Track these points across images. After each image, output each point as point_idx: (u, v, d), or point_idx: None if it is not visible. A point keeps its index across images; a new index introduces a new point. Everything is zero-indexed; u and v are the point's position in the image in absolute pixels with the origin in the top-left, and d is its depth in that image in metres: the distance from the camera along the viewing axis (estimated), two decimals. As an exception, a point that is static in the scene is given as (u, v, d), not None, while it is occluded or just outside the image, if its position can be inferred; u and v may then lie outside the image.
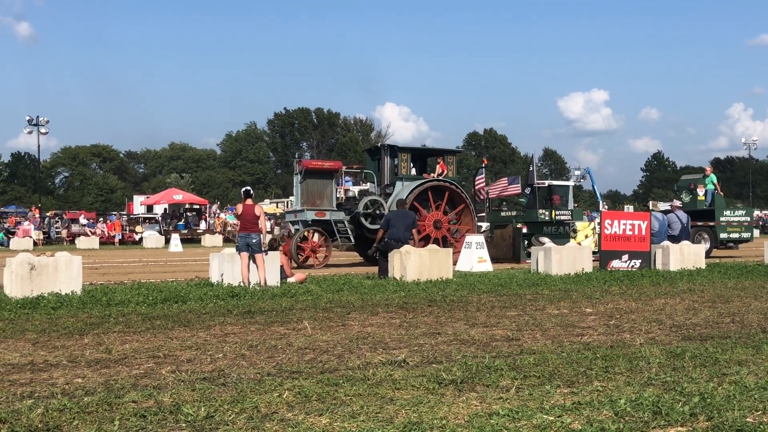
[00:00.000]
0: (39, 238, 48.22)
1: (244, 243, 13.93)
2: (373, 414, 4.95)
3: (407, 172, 23.92)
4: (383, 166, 24.22)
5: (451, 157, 25.29)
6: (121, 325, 9.32)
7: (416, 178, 23.94)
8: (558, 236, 24.97)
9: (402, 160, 23.93)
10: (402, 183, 23.51)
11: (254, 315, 10.25)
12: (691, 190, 27.90)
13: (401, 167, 23.89)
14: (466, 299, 12.12)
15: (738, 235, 27.49)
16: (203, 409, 5.05)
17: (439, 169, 24.64)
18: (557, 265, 16.80)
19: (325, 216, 22.39)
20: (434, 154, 26.01)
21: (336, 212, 22.77)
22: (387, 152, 24.25)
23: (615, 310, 10.72)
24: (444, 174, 24.41)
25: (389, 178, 24.05)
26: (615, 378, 6.05)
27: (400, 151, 24.16)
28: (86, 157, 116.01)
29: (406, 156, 24.09)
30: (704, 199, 27.20)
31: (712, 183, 27.58)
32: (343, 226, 22.56)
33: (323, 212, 22.40)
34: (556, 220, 25.23)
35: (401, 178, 23.67)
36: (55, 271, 12.27)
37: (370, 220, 22.83)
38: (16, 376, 6.28)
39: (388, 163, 24.13)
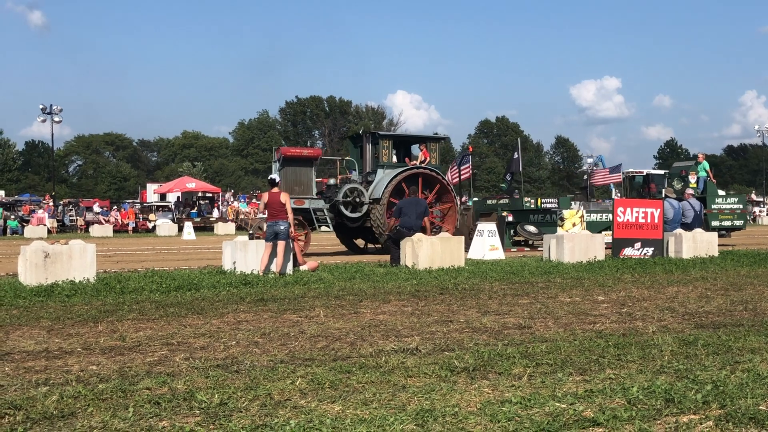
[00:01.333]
0: (53, 226, 48.47)
1: (272, 231, 14.00)
2: (386, 401, 4.97)
3: (389, 159, 23.63)
4: (365, 153, 23.99)
5: (434, 145, 24.99)
6: (135, 312, 9.38)
7: (398, 165, 23.69)
8: (545, 224, 24.75)
9: (383, 147, 23.66)
10: (383, 170, 23.27)
11: (267, 303, 10.29)
12: (682, 177, 27.63)
13: (382, 155, 23.65)
14: (478, 287, 12.13)
15: (730, 222, 27.24)
16: (217, 396, 5.09)
17: (422, 156, 24.38)
18: (569, 252, 16.77)
19: (304, 204, 22.15)
20: (417, 141, 25.80)
21: (315, 200, 22.56)
22: (369, 139, 24.01)
23: (627, 298, 10.70)
24: (427, 161, 24.15)
25: (371, 165, 23.81)
26: (627, 366, 6.05)
27: (381, 139, 23.95)
28: (99, 146, 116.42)
29: (387, 143, 23.83)
30: (696, 187, 26.93)
31: (705, 170, 27.27)
32: (322, 214, 22.32)
33: (302, 200, 22.13)
34: (542, 208, 25.00)
35: (382, 165, 23.47)
36: (69, 259, 12.33)
37: (351, 208, 22.62)
38: (31, 363, 6.33)
39: (369, 151, 23.89)
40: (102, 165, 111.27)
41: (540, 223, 24.86)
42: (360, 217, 22.84)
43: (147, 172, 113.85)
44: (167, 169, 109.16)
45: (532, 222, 25.08)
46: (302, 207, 22.09)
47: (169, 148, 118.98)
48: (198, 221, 50.80)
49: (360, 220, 23.01)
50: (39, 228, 44.69)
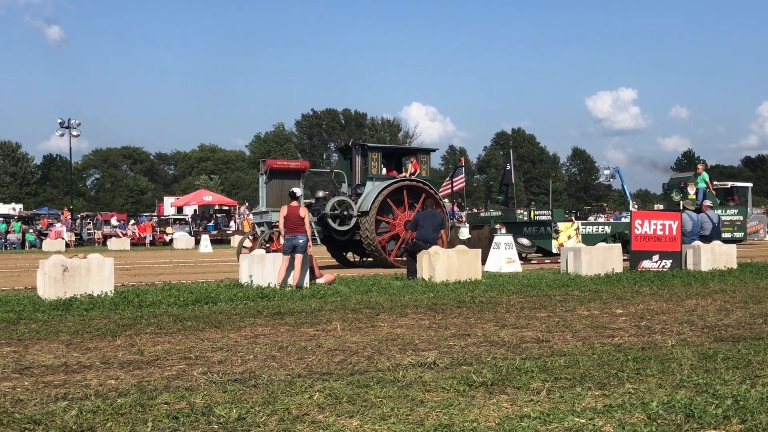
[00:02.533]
0: (71, 239, 48.73)
1: (290, 245, 14.04)
2: (404, 416, 4.96)
3: (378, 171, 23.26)
4: (354, 165, 23.67)
5: (425, 156, 24.57)
6: (153, 326, 9.41)
7: (387, 177, 23.31)
8: (539, 237, 24.51)
9: (372, 159, 23.42)
10: (373, 183, 23.03)
11: (284, 316, 10.30)
12: (681, 188, 27.40)
13: (371, 166, 23.30)
14: (496, 300, 12.10)
15: (730, 234, 26.98)
16: (235, 410, 5.09)
17: (412, 168, 24.04)
18: (587, 265, 16.70)
19: None
20: (407, 153, 25.50)
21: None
22: (358, 151, 23.69)
23: (646, 311, 10.64)
24: (417, 173, 23.83)
25: (360, 177, 23.59)
26: (647, 380, 6.01)
27: (370, 151, 23.58)
28: (117, 159, 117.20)
29: (376, 155, 23.45)
30: (695, 198, 26.66)
31: (704, 181, 26.98)
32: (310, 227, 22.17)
33: None
34: (536, 221, 24.74)
35: (371, 177, 23.14)
36: (87, 273, 12.40)
37: (339, 222, 22.31)
38: (50, 378, 6.36)
39: (359, 163, 23.60)
40: (119, 178, 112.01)
41: (534, 235, 24.61)
42: (348, 230, 22.47)
43: (164, 185, 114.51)
44: (184, 182, 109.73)
45: (526, 234, 24.86)
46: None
47: (186, 161, 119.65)
48: (215, 234, 50.96)
49: (348, 233, 22.63)
50: (57, 241, 44.93)
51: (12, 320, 9.96)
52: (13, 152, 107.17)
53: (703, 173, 27.15)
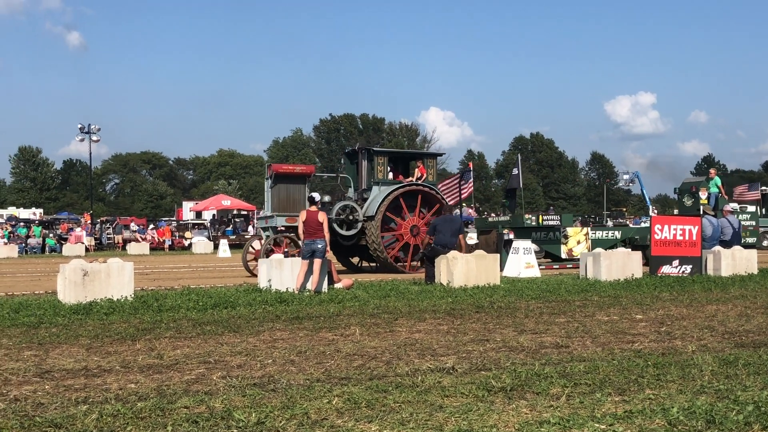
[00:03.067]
0: (91, 244, 49.03)
1: (309, 250, 14.07)
2: (423, 421, 4.95)
3: (384, 176, 23.22)
4: (360, 170, 23.57)
5: (431, 161, 24.53)
6: (172, 330, 9.44)
7: (393, 182, 23.33)
8: (547, 242, 24.27)
9: (378, 163, 23.25)
10: (379, 187, 22.93)
11: (302, 321, 10.32)
12: (693, 193, 27.03)
13: (377, 171, 23.17)
14: (514, 305, 12.06)
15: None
16: (254, 414, 5.10)
17: (418, 172, 23.86)
18: (606, 270, 16.63)
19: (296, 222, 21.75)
20: (414, 157, 25.27)
21: None
22: (364, 156, 23.62)
23: (666, 317, 10.58)
24: (423, 178, 23.69)
25: (366, 182, 23.49)
26: (667, 386, 5.98)
27: (376, 155, 23.46)
28: (136, 164, 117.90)
29: (382, 160, 23.33)
30: (707, 203, 26.35)
31: (716, 186, 26.60)
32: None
33: (294, 218, 21.36)
34: (544, 225, 24.47)
35: (377, 182, 23.06)
36: (107, 277, 12.46)
37: (346, 227, 22.20)
38: (70, 382, 6.39)
39: (365, 167, 23.51)
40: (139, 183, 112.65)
41: (542, 240, 24.36)
42: (354, 234, 22.41)
43: (183, 190, 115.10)
44: (203, 187, 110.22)
45: (534, 240, 24.64)
46: (294, 225, 21.36)
47: (205, 166, 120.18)
48: (233, 239, 51.11)
49: (354, 238, 22.56)
50: (77, 246, 45.23)
51: (33, 324, 10.03)
52: (33, 157, 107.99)
53: (715, 178, 26.75)
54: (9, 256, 41.40)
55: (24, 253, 46.07)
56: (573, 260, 24.00)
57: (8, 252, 42.57)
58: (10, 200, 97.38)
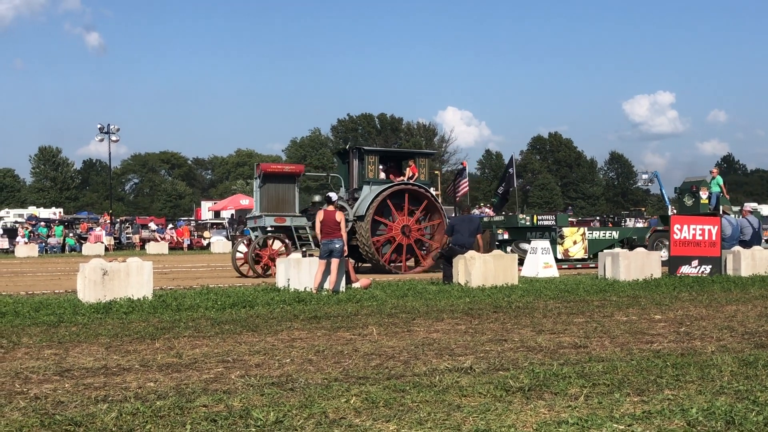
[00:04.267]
0: (110, 243, 49.30)
1: (327, 249, 14.10)
2: (441, 421, 4.95)
3: (375, 175, 22.88)
4: (351, 169, 23.24)
5: (423, 160, 24.11)
6: (191, 329, 9.49)
7: (384, 182, 22.96)
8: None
9: (369, 162, 22.89)
10: (369, 187, 22.57)
11: (320, 320, 10.34)
12: (693, 192, 26.61)
13: (368, 170, 22.80)
14: (532, 305, 12.04)
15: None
16: (272, 414, 5.12)
17: (410, 172, 23.53)
18: (625, 270, 16.56)
19: (286, 222, 21.57)
20: (405, 156, 24.94)
21: (298, 218, 21.83)
22: (355, 155, 23.23)
23: (685, 317, 10.53)
24: (415, 177, 23.30)
25: (357, 182, 23.08)
26: (686, 386, 5.95)
27: (367, 154, 23.11)
28: (155, 164, 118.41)
29: (373, 159, 22.97)
30: (707, 203, 25.96)
31: (718, 185, 26.16)
32: (304, 232, 21.66)
33: (283, 218, 21.58)
34: (539, 225, 24.22)
35: (368, 181, 22.71)
36: (126, 277, 12.53)
37: None
38: (90, 380, 6.44)
39: (356, 167, 23.11)
40: (158, 183, 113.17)
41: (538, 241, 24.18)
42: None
43: (201, 189, 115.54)
44: (221, 186, 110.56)
45: (529, 240, 24.38)
46: (284, 225, 21.54)
47: (223, 166, 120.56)
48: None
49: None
50: (96, 245, 45.48)
51: (53, 323, 10.10)
52: (53, 157, 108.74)
53: (717, 177, 26.36)
54: (29, 256, 41.69)
55: (44, 253, 46.37)
56: (569, 261, 23.83)
57: (29, 251, 42.87)
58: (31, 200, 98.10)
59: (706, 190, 25.84)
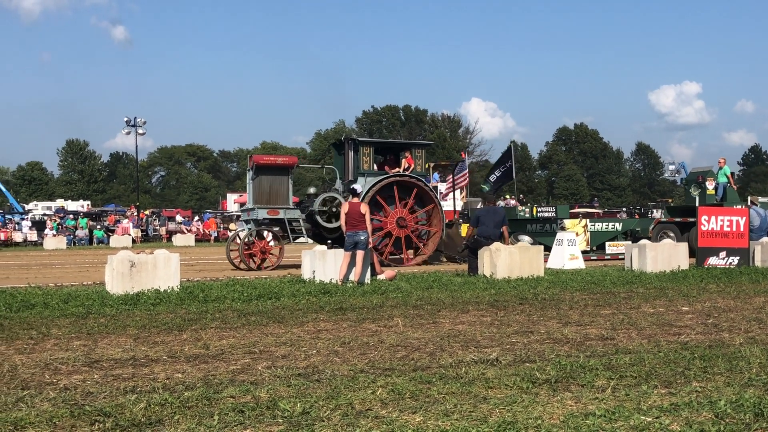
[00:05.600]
0: (137, 235, 49.66)
1: (352, 241, 14.13)
2: (467, 413, 4.95)
3: (370, 167, 22.57)
4: (347, 161, 22.81)
5: (420, 151, 23.69)
6: (218, 321, 9.54)
7: (379, 173, 22.62)
8: (543, 234, 23.57)
9: (364, 154, 22.58)
10: (365, 179, 22.23)
11: (346, 312, 10.36)
12: (699, 183, 26.08)
13: (362, 162, 22.50)
14: (559, 297, 12.00)
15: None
16: (299, 405, 5.14)
17: (406, 163, 23.15)
18: (652, 262, 16.47)
19: (279, 214, 21.33)
20: (401, 147, 24.55)
21: (291, 210, 21.56)
22: (351, 146, 22.83)
23: (713, 309, 10.46)
24: (411, 169, 22.98)
25: (353, 173, 22.68)
26: (714, 378, 5.91)
27: (361, 145, 22.77)
28: (181, 157, 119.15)
29: (368, 150, 22.71)
30: (714, 194, 25.39)
31: (725, 176, 25.53)
32: (298, 224, 21.49)
33: (276, 210, 21.33)
34: (539, 217, 23.88)
35: (363, 173, 22.41)
36: (154, 269, 12.62)
37: (326, 218, 21.73)
38: (118, 371, 6.49)
39: (351, 158, 22.72)
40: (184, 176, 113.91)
41: (537, 233, 23.81)
42: (339, 227, 21.32)
43: (227, 182, 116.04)
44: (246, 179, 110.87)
45: (529, 232, 24.04)
46: (277, 217, 21.34)
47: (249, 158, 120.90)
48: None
49: (338, 231, 21.56)
50: (124, 238, 45.83)
51: (82, 315, 10.19)
52: (81, 150, 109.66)
53: (724, 167, 25.80)
54: (58, 248, 42.09)
55: (72, 245, 46.80)
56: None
57: (57, 243, 43.28)
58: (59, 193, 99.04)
59: (713, 180, 25.44)
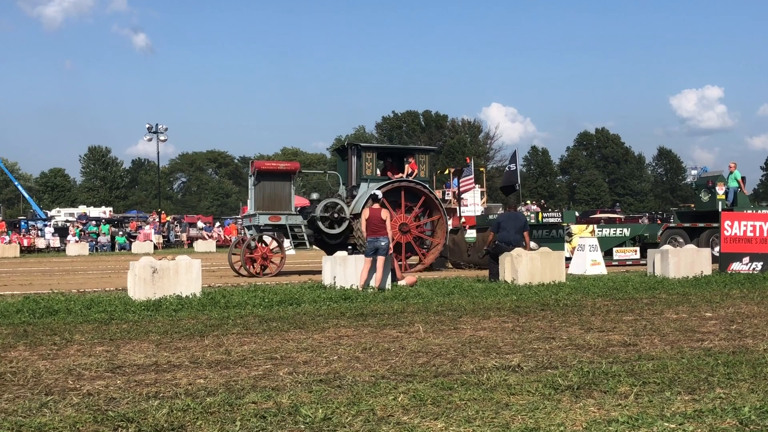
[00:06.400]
0: (159, 241, 49.91)
1: (372, 247, 14.13)
2: (489, 419, 4.93)
3: (372, 172, 22.46)
4: (350, 166, 22.85)
5: (423, 156, 23.47)
6: (240, 326, 9.57)
7: (382, 179, 22.45)
8: (549, 240, 23.10)
9: (366, 159, 22.41)
10: (367, 184, 22.10)
11: (367, 318, 10.36)
12: (709, 188, 25.70)
13: (365, 167, 22.33)
14: (580, 303, 11.94)
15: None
16: (321, 410, 5.14)
17: (409, 168, 22.94)
18: (675, 268, 16.36)
19: (281, 220, 21.34)
20: (404, 152, 24.38)
21: (293, 216, 21.55)
22: (354, 152, 22.77)
23: (736, 315, 10.37)
24: (415, 174, 22.80)
25: (356, 179, 22.68)
26: (738, 385, 5.86)
27: (364, 151, 22.62)
28: (202, 163, 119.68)
29: (371, 155, 22.58)
30: (724, 198, 24.98)
31: (736, 180, 25.06)
32: (300, 230, 21.45)
33: (278, 216, 21.31)
34: (545, 223, 23.61)
35: (366, 179, 22.28)
36: (176, 274, 12.68)
37: (328, 224, 21.56)
38: (141, 377, 6.52)
39: (354, 164, 22.71)
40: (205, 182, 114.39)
41: (544, 239, 23.38)
42: (341, 233, 21.76)
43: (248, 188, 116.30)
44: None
45: (535, 238, 23.71)
46: (279, 223, 21.26)
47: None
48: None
49: (341, 237, 21.91)
50: (146, 244, 46.08)
51: (104, 320, 10.26)
52: (103, 157, 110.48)
53: (735, 171, 25.44)
54: (80, 254, 42.41)
55: (94, 251, 47.13)
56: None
57: (79, 249, 43.62)
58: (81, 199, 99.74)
59: (723, 185, 25.12)
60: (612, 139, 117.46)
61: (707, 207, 25.39)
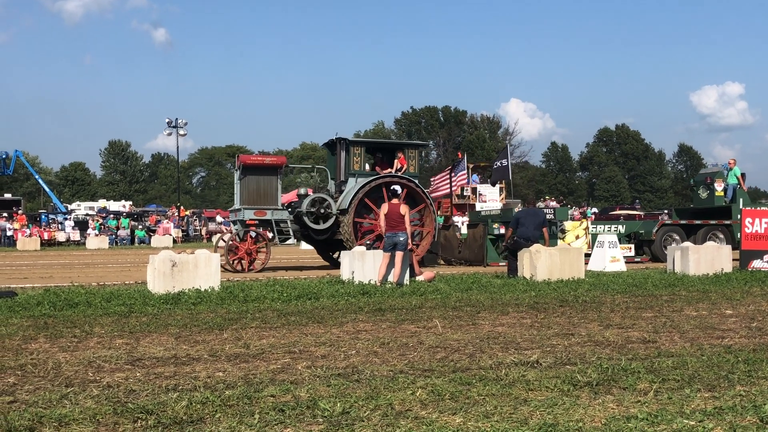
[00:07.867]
0: (178, 235, 50.13)
1: (391, 242, 14.14)
2: (507, 414, 4.93)
3: (360, 167, 22.13)
4: (339, 161, 22.40)
5: (413, 151, 23.01)
6: (258, 320, 9.60)
7: (370, 174, 22.14)
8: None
9: (354, 154, 22.13)
10: (355, 179, 21.79)
11: (385, 312, 10.36)
12: (708, 185, 25.38)
13: (353, 162, 22.03)
14: (599, 300, 11.89)
15: None
16: (339, 405, 5.15)
17: (398, 164, 22.62)
18: (695, 265, 16.26)
19: (266, 215, 21.12)
20: (393, 147, 24.06)
21: (279, 211, 21.34)
22: (342, 146, 22.30)
23: (757, 312, 10.30)
24: (404, 169, 22.42)
25: (344, 174, 22.25)
26: (759, 383, 5.82)
27: (352, 145, 22.30)
28: (222, 158, 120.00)
29: (359, 150, 22.27)
30: (723, 195, 24.69)
31: (736, 177, 24.77)
32: (285, 225, 21.24)
33: (264, 211, 21.09)
34: None
35: (354, 174, 21.97)
36: (195, 268, 12.73)
37: (314, 219, 21.31)
38: (160, 369, 6.55)
39: (343, 159, 22.25)
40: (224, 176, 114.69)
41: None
42: (327, 228, 21.46)
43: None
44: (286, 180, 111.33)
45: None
46: (264, 218, 21.08)
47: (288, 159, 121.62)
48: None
49: (328, 232, 21.60)
50: (165, 238, 46.30)
51: (124, 314, 10.31)
52: (123, 151, 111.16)
53: (734, 168, 25.10)
54: (100, 248, 42.65)
55: (114, 245, 47.38)
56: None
57: (99, 243, 43.86)
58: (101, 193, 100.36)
59: (722, 181, 24.78)
60: (632, 135, 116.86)
61: (705, 204, 25.19)
